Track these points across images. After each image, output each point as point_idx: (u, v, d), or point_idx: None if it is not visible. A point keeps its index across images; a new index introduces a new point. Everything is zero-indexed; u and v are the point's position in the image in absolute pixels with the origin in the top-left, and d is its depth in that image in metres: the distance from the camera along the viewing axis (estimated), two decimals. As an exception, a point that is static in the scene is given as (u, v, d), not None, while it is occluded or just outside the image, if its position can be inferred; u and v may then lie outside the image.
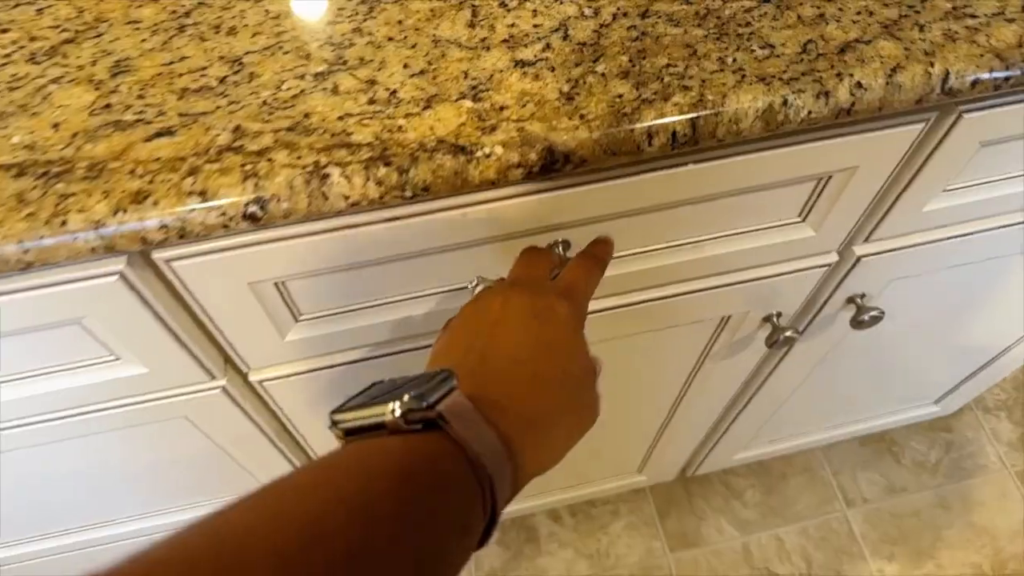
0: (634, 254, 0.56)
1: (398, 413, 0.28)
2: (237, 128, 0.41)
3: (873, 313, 0.68)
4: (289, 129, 0.41)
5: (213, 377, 0.57)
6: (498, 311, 0.38)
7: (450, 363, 0.35)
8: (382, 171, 0.40)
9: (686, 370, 0.79)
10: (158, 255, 0.43)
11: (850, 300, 0.70)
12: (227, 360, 0.58)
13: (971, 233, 0.65)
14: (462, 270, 0.51)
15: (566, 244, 0.51)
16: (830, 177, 0.52)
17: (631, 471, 1.15)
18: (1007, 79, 0.44)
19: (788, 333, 0.67)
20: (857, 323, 0.69)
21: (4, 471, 0.65)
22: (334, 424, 0.30)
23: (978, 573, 1.27)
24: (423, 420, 0.29)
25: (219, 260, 0.44)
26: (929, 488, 1.35)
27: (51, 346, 0.50)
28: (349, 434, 0.30)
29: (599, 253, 0.47)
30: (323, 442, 0.73)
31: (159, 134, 0.41)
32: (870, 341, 0.81)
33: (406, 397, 0.28)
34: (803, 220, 0.57)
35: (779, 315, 0.69)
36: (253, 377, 0.58)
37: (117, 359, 0.52)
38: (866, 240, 0.62)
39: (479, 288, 0.46)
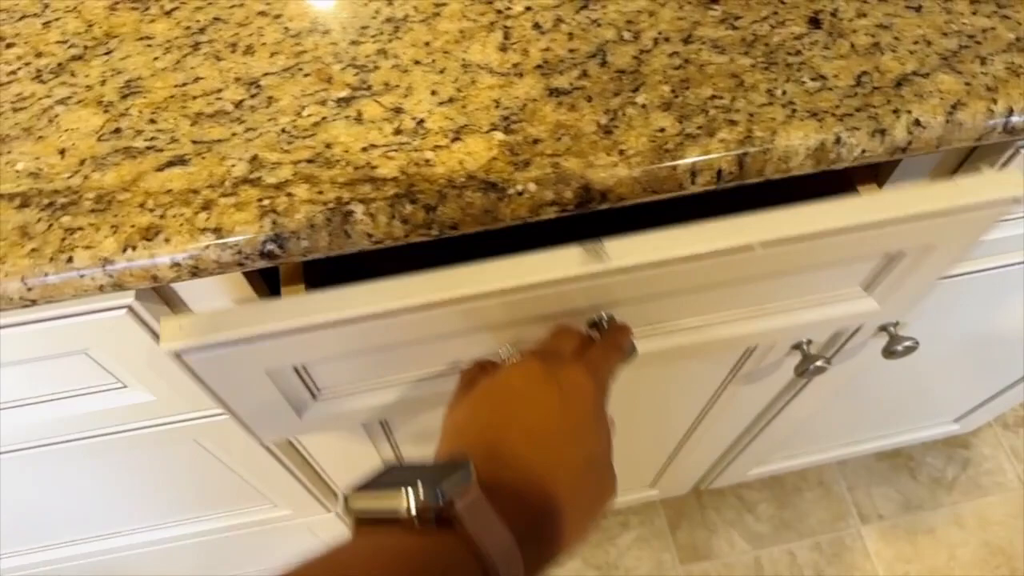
0: (678, 330, 0.51)
1: (413, 511, 0.28)
2: (254, 158, 0.39)
3: (908, 343, 0.65)
4: (310, 161, 0.39)
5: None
6: (520, 385, 0.37)
7: (467, 441, 0.35)
8: (408, 208, 0.37)
9: (708, 394, 0.76)
10: (167, 346, 0.39)
11: (883, 328, 0.67)
12: None
13: (1013, 264, 0.62)
14: (499, 343, 0.47)
15: (611, 319, 0.47)
16: (903, 254, 0.48)
17: (643, 485, 1.13)
18: (1074, 117, 0.41)
19: (819, 363, 0.64)
20: (890, 353, 0.66)
21: (7, 487, 0.64)
22: (348, 509, 0.29)
23: (993, 596, 1.25)
24: (437, 515, 0.28)
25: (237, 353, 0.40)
26: (945, 505, 1.33)
27: (56, 374, 0.47)
28: (362, 522, 0.29)
29: (620, 340, 0.45)
30: (332, 460, 0.71)
31: (171, 163, 0.39)
32: (895, 363, 0.78)
33: (422, 491, 0.28)
34: (868, 293, 0.53)
35: (809, 343, 0.66)
36: None
37: (124, 387, 0.50)
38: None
39: (510, 357, 0.43)
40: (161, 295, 0.45)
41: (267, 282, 0.48)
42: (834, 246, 0.43)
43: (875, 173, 0.52)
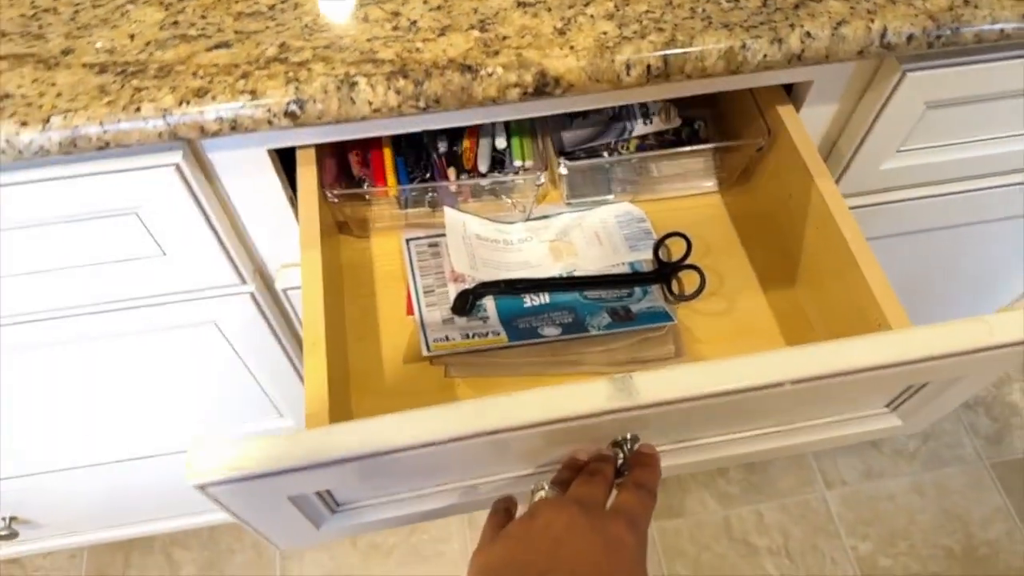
0: (705, 445, 0.53)
1: None
2: (283, 44, 0.49)
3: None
4: (326, 47, 0.49)
5: (244, 281, 0.65)
6: (562, 531, 0.37)
7: None
8: (401, 82, 0.48)
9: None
10: (193, 480, 0.37)
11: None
12: (257, 270, 0.66)
13: (931, 196, 0.72)
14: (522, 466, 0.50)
15: (635, 439, 0.46)
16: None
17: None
18: (938, 37, 0.51)
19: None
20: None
21: (42, 370, 0.73)
22: None
23: (949, 555, 1.32)
24: None
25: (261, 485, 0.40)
26: (906, 475, 1.41)
27: (108, 236, 0.58)
28: None
29: (650, 484, 0.43)
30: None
31: (217, 46, 0.49)
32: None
33: None
34: (892, 411, 0.56)
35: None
36: (278, 285, 0.67)
37: (164, 254, 0.60)
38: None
39: (540, 494, 0.42)
40: (203, 167, 0.55)
41: (289, 176, 0.59)
42: (864, 381, 0.43)
43: (792, 98, 0.62)
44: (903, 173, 0.68)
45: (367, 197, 0.64)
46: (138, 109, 0.46)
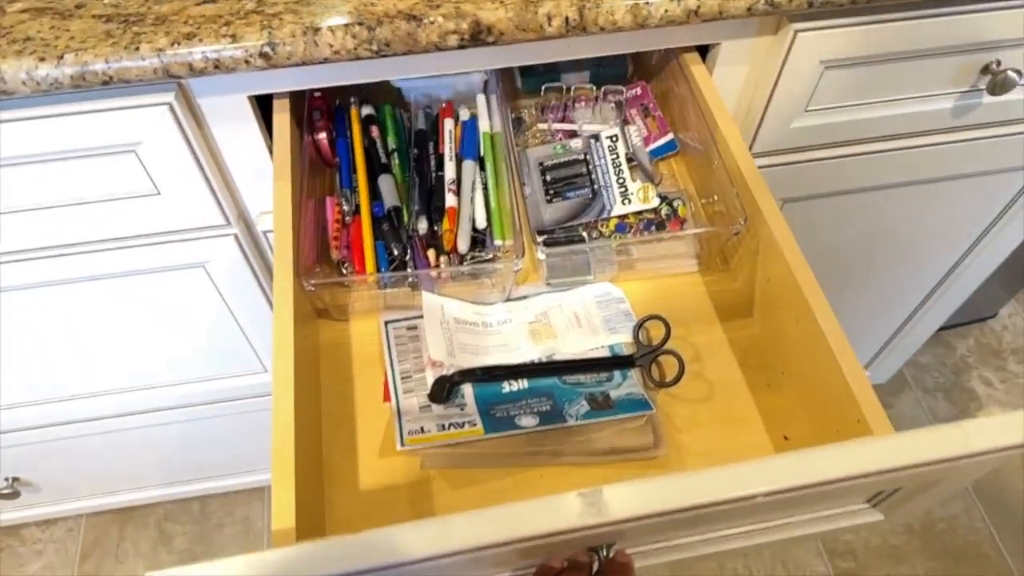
0: (680, 546, 0.55)
1: None
2: (259, 0, 0.59)
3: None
4: (296, 2, 0.59)
5: (229, 223, 0.73)
6: None
7: None
8: (356, 29, 0.57)
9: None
10: None
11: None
12: (240, 215, 0.75)
13: (847, 156, 0.80)
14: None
15: (610, 545, 0.47)
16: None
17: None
18: (815, -3, 0.61)
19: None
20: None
21: (35, 308, 0.81)
22: None
23: (908, 530, 1.38)
24: None
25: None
26: (868, 455, 1.47)
27: (109, 173, 0.67)
28: None
29: None
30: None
31: (205, 1, 0.59)
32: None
33: None
34: (873, 506, 0.57)
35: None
36: (259, 227, 0.75)
37: (158, 193, 0.69)
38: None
39: None
40: (193, 112, 0.64)
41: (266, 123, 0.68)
42: (840, 490, 0.43)
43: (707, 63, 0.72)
44: (814, 132, 0.77)
45: (346, 284, 0.65)
46: (137, 48, 0.56)
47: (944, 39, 0.69)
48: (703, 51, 0.73)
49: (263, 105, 0.68)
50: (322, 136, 0.70)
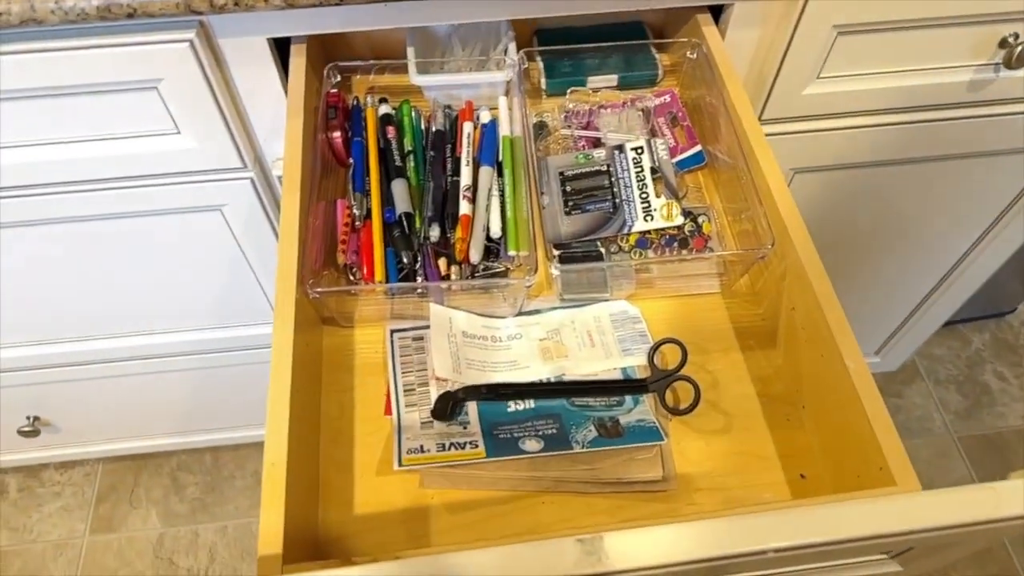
0: None
1: None
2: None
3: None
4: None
5: (245, 166, 0.74)
6: None
7: None
8: None
9: None
10: None
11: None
12: (256, 159, 0.76)
13: (857, 127, 0.76)
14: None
15: None
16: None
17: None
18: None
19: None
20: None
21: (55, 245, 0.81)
22: None
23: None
24: None
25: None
26: (875, 444, 1.47)
27: (129, 109, 0.67)
28: None
29: None
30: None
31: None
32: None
33: None
34: (891, 559, 0.53)
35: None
36: (275, 172, 0.77)
37: (177, 132, 0.70)
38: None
39: None
40: (214, 52, 0.65)
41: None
42: (856, 548, 0.40)
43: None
44: (825, 100, 0.74)
45: (353, 292, 0.63)
46: (156, -19, 0.56)
47: (960, 8, 0.66)
48: (717, 14, 0.71)
49: (282, 55, 0.69)
50: (337, 135, 0.68)
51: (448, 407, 0.58)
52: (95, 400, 1.12)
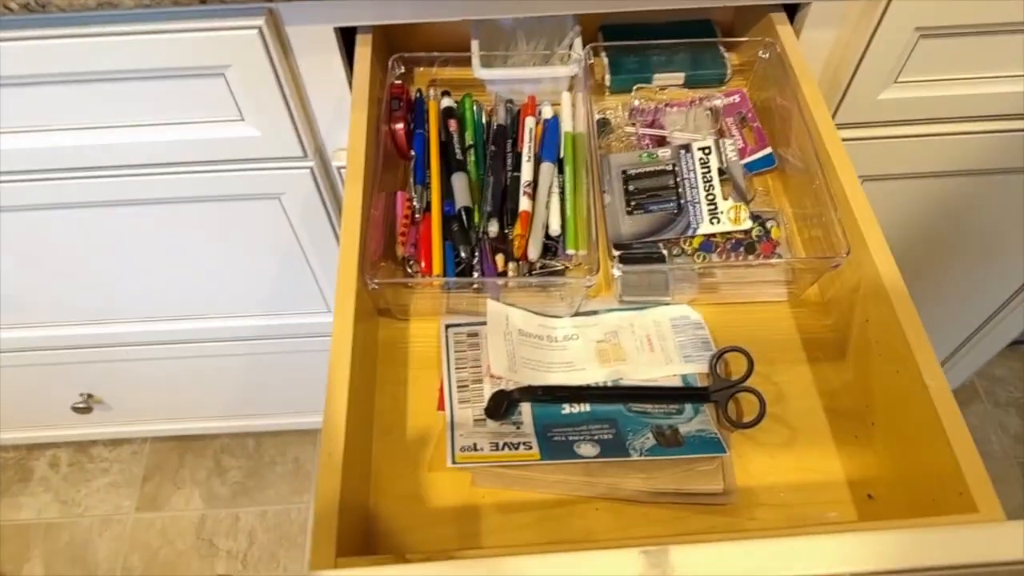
0: None
1: None
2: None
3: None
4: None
5: (306, 156, 0.74)
6: None
7: None
8: None
9: None
10: None
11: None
12: (317, 149, 0.76)
13: (934, 135, 0.73)
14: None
15: None
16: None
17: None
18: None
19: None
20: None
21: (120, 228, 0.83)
22: None
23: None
24: None
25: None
26: (928, 464, 1.42)
27: (197, 95, 0.68)
28: None
29: None
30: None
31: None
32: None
33: None
34: None
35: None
36: (335, 163, 0.77)
37: (241, 119, 0.70)
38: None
39: None
40: (281, 40, 0.65)
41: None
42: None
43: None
44: (902, 106, 0.71)
45: (410, 285, 0.63)
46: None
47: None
48: (791, 13, 0.68)
49: (347, 47, 0.69)
50: (399, 126, 0.67)
51: (502, 407, 0.57)
52: (147, 381, 1.15)
